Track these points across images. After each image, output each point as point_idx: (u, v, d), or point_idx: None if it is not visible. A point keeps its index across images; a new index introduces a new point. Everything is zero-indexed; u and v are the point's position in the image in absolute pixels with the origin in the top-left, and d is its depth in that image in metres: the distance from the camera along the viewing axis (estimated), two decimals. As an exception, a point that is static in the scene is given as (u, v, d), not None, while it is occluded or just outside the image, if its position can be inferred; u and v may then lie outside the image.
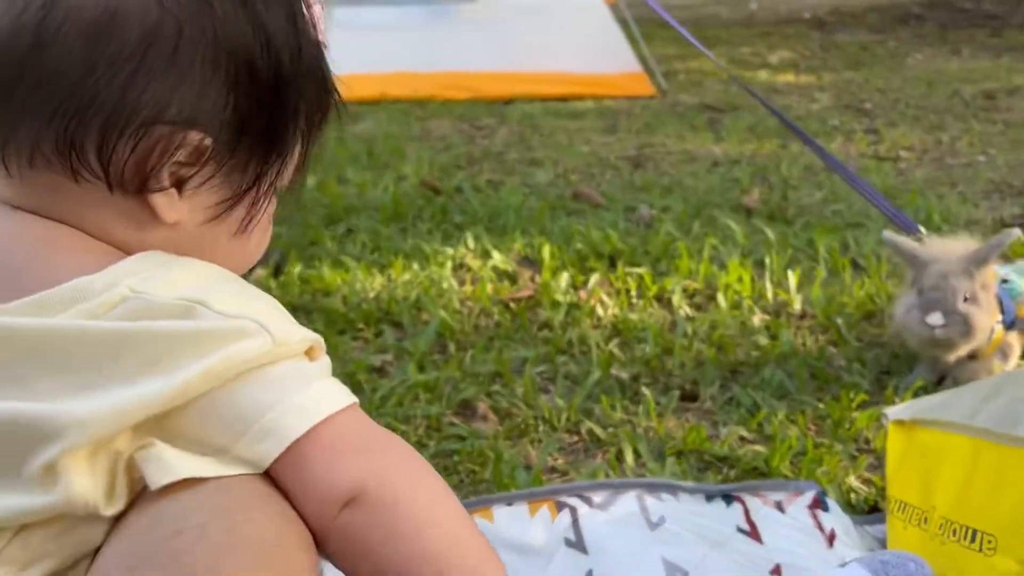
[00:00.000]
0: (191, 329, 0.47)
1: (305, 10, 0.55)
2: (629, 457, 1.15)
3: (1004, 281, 1.31)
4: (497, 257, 1.81)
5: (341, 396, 0.51)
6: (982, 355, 1.27)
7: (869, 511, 1.05)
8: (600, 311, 1.58)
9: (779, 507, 0.98)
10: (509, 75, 3.76)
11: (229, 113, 0.52)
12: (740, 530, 0.95)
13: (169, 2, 0.50)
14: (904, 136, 2.96)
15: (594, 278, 1.71)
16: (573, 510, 0.96)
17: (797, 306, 1.60)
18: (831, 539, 0.93)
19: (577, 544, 0.92)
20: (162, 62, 0.50)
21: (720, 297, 1.61)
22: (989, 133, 2.98)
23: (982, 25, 5.63)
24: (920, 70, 4.28)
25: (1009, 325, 1.29)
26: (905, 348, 1.41)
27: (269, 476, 0.49)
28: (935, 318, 1.21)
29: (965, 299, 1.22)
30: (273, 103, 0.54)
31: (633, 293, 1.66)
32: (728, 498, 1.00)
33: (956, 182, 2.43)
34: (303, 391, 0.49)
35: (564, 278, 1.70)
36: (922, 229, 1.33)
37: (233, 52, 0.52)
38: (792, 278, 1.66)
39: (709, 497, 1.01)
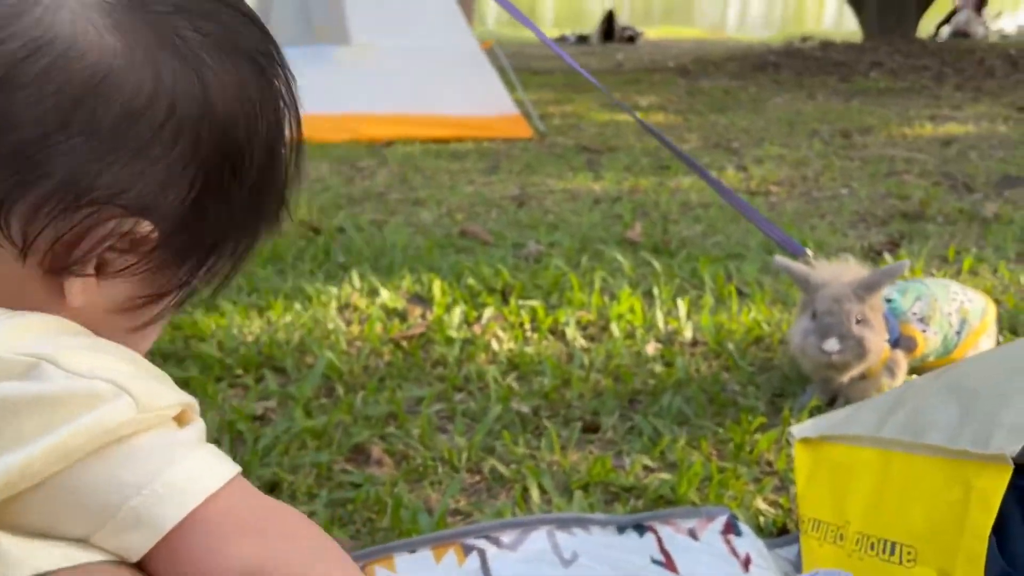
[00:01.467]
0: (34, 394, 0.39)
1: (286, 131, 0.52)
2: (535, 493, 1.10)
3: (887, 300, 1.35)
4: (385, 295, 1.74)
5: (221, 469, 0.44)
6: (871, 374, 1.30)
7: (779, 533, 1.04)
8: (495, 345, 1.53)
9: (692, 534, 0.95)
10: (388, 117, 3.72)
11: (187, 209, 0.47)
12: (655, 561, 0.91)
13: (168, 80, 0.44)
14: (772, 172, 3.10)
15: (487, 312, 1.66)
16: (482, 552, 0.90)
17: (688, 334, 1.61)
18: (746, 564, 0.91)
19: (488, 589, 0.86)
20: (137, 145, 0.44)
21: (614, 327, 1.60)
22: (849, 168, 3.16)
23: (832, 72, 6.06)
24: (781, 112, 4.54)
25: (894, 343, 1.32)
26: (796, 370, 1.43)
27: (140, 566, 0.41)
28: (831, 344, 1.23)
29: (857, 321, 1.24)
30: (235, 209, 0.49)
31: (527, 326, 1.63)
32: (640, 528, 0.96)
33: (824, 213, 2.55)
34: (175, 467, 0.41)
35: (457, 314, 1.64)
36: (809, 252, 1.36)
37: (220, 150, 0.47)
38: (682, 306, 1.67)
39: (621, 528, 0.97)
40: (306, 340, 1.52)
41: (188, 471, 0.42)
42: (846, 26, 12.65)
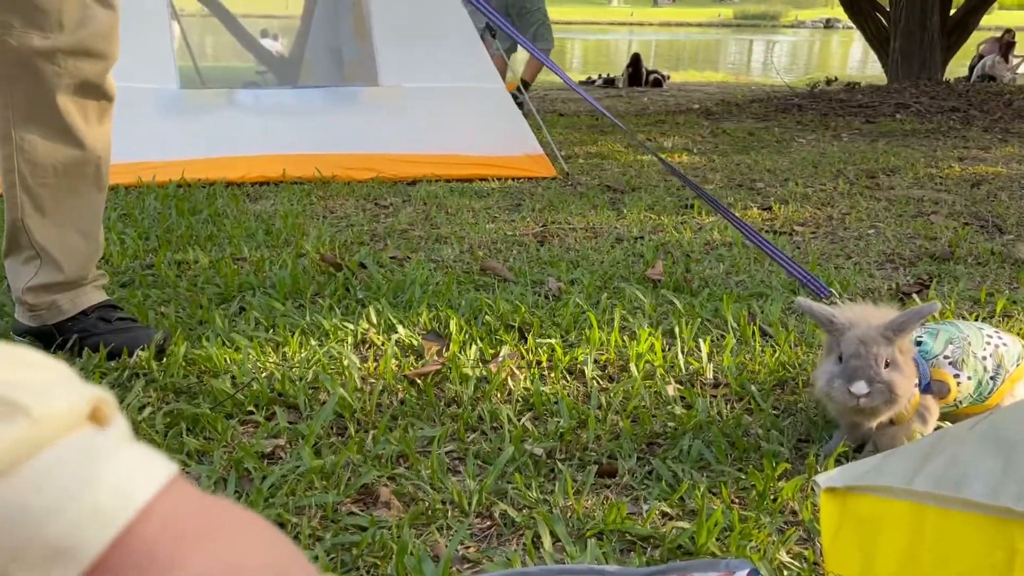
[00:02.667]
0: None
1: None
2: (547, 541, 1.05)
3: (918, 343, 1.31)
4: (402, 331, 1.72)
5: (151, 472, 0.36)
6: (901, 420, 1.25)
7: (803, 588, 0.98)
8: (511, 384, 1.50)
9: (711, 588, 0.90)
10: (413, 157, 3.74)
11: None
12: (672, 616, 0.87)
13: None
14: (796, 212, 3.06)
15: (504, 350, 1.63)
16: (488, 603, 0.85)
17: (710, 375, 1.56)
18: (769, 620, 0.86)
19: (494, 643, 0.82)
20: None
21: (632, 367, 1.56)
22: (875, 209, 3.11)
23: (857, 114, 6.02)
24: (805, 153, 4.50)
25: (925, 388, 1.27)
26: (822, 414, 1.38)
27: None
28: (859, 387, 1.18)
29: (886, 365, 1.20)
30: None
31: (544, 365, 1.59)
32: (657, 580, 0.91)
33: (850, 254, 2.50)
34: (95, 481, 0.34)
35: (473, 351, 1.61)
36: (834, 292, 1.32)
37: None
38: (703, 347, 1.63)
39: (637, 581, 0.92)
40: (320, 377, 1.50)
41: (110, 483, 0.34)
42: (870, 72, 12.65)
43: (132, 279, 2.09)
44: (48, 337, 1.58)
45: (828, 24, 39.48)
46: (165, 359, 1.57)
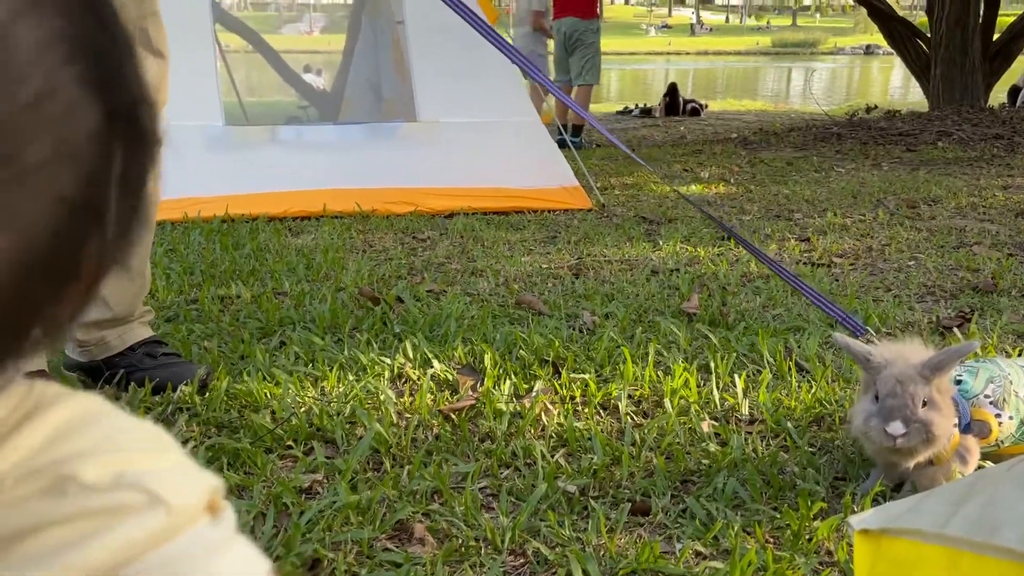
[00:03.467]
0: (55, 514, 0.36)
1: None
2: (580, 579, 1.06)
3: (957, 382, 1.29)
4: (437, 366, 1.74)
5: (253, 564, 0.41)
6: (940, 460, 1.23)
7: (839, 630, 0.97)
8: (545, 419, 1.51)
9: (744, 630, 0.90)
10: (450, 190, 3.79)
11: None
12: (704, 658, 0.86)
13: None
14: (835, 243, 3.03)
15: (538, 385, 1.64)
16: (520, 643, 0.86)
17: (745, 411, 1.56)
18: (803, 665, 0.85)
19: None
20: None
21: (667, 403, 1.56)
22: (915, 239, 3.07)
23: (897, 142, 5.96)
24: (844, 182, 4.46)
25: (964, 428, 1.25)
26: (859, 453, 1.37)
27: None
28: (896, 427, 1.17)
29: (924, 404, 1.19)
30: None
31: (578, 400, 1.60)
32: (689, 622, 0.91)
33: (890, 286, 2.47)
34: (209, 568, 0.39)
35: (507, 386, 1.63)
36: (870, 331, 1.32)
37: None
38: (739, 382, 1.63)
39: (668, 621, 0.92)
40: (357, 411, 1.52)
41: (225, 569, 0.40)
42: (912, 98, 12.51)
43: (177, 314, 2.15)
44: (96, 372, 1.63)
45: (868, 50, 39.20)
46: (208, 394, 1.61)
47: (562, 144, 6.09)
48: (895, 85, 20.47)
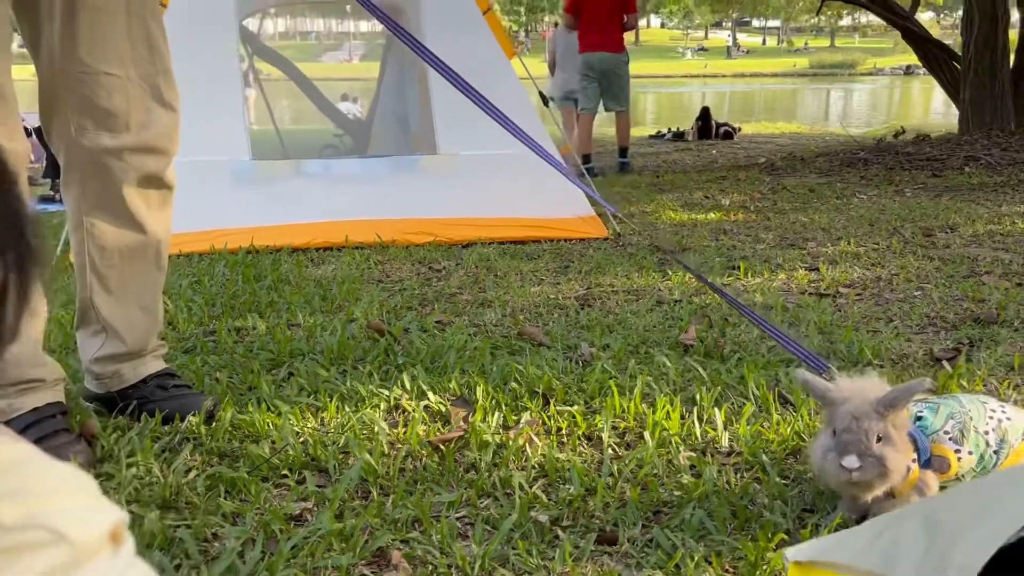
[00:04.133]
0: None
1: None
2: (540, 605, 1.12)
3: (918, 418, 1.33)
4: (432, 397, 1.82)
5: None
6: (900, 494, 1.27)
7: (780, 658, 1.02)
8: (529, 451, 1.57)
9: (682, 656, 0.95)
10: (468, 220, 3.89)
11: None
12: None
13: None
14: (844, 273, 3.05)
15: (525, 417, 1.71)
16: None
17: (725, 443, 1.60)
18: None
19: None
20: None
21: (647, 435, 1.61)
22: (926, 269, 3.08)
23: (924, 167, 5.93)
24: (864, 209, 4.47)
25: (925, 463, 1.29)
26: (828, 486, 1.40)
27: None
28: (851, 461, 1.22)
29: (879, 439, 1.23)
30: None
31: (564, 432, 1.66)
32: (631, 648, 0.97)
33: (892, 317, 2.49)
34: None
35: (496, 418, 1.70)
36: (832, 368, 1.36)
37: None
38: (719, 415, 1.67)
39: (612, 647, 0.97)
40: (350, 442, 1.60)
41: None
42: (954, 119, 12.37)
43: (195, 345, 2.26)
44: (112, 402, 1.74)
45: (908, 71, 38.75)
46: (214, 424, 1.70)
47: (590, 172, 6.37)
48: (936, 107, 20.22)
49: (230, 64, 3.99)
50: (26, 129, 6.55)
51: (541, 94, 4.79)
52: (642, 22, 68.62)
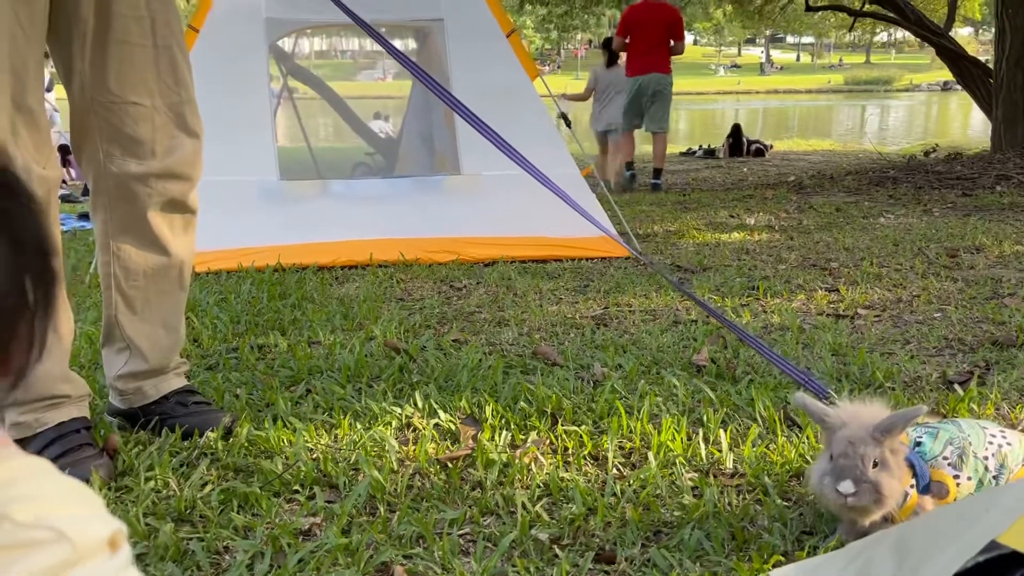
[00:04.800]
0: None
1: None
2: (534, 622, 1.15)
3: (917, 444, 1.34)
4: (443, 416, 1.85)
5: None
6: (898, 519, 1.28)
7: None
8: (534, 469, 1.60)
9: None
10: (491, 239, 3.94)
11: None
12: None
13: None
14: (864, 294, 3.05)
15: (532, 436, 1.74)
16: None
17: (729, 464, 1.62)
18: None
19: None
20: None
21: (651, 456, 1.64)
22: (948, 290, 3.06)
23: (954, 186, 5.87)
24: (890, 229, 4.44)
25: (923, 489, 1.30)
26: (827, 508, 1.42)
27: None
28: (846, 486, 1.23)
29: (875, 465, 1.24)
30: None
31: (570, 451, 1.69)
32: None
33: (909, 339, 2.48)
34: None
35: (504, 437, 1.73)
36: (832, 393, 1.38)
37: None
38: (724, 437, 1.69)
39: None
40: (360, 458, 1.65)
41: None
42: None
43: (217, 362, 2.32)
44: (134, 418, 1.80)
45: (946, 87, 38.26)
46: (231, 440, 1.76)
47: (632, 179, 6.71)
48: (974, 123, 19.94)
49: (260, 86, 4.10)
50: (66, 147, 6.71)
51: (564, 115, 4.84)
52: (675, 39, 68.53)
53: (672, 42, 6.64)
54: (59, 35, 1.60)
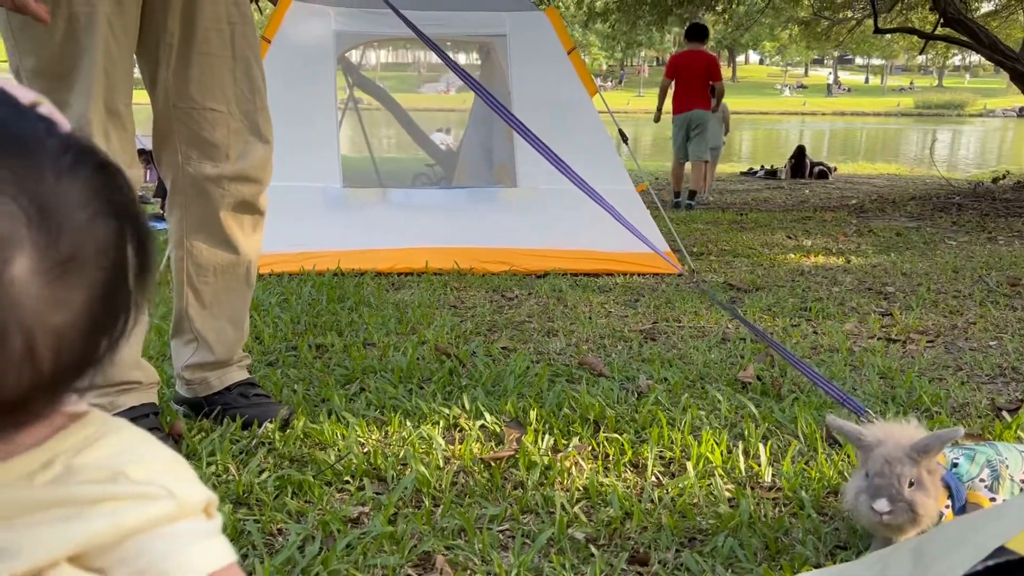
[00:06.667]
0: (111, 493, 0.60)
1: None
2: (567, 615, 1.19)
3: (953, 465, 1.35)
4: (489, 418, 1.92)
5: (223, 554, 0.63)
6: (930, 534, 1.29)
7: None
8: (575, 473, 1.65)
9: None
10: (544, 251, 4.00)
11: None
12: None
13: None
14: (918, 320, 3.02)
15: (574, 442, 1.79)
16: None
17: (768, 478, 1.64)
18: None
19: None
20: None
21: (690, 466, 1.67)
22: (1006, 319, 3.01)
23: (1021, 214, 5.73)
24: (950, 256, 4.37)
25: (959, 510, 1.31)
26: (861, 524, 1.43)
27: None
28: (881, 504, 1.26)
29: (911, 484, 1.26)
30: None
31: (611, 458, 1.73)
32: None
33: (962, 366, 2.46)
34: (194, 547, 0.61)
35: (547, 441, 1.78)
36: (870, 412, 1.40)
37: None
38: (764, 451, 1.72)
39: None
40: (408, 454, 1.72)
41: (204, 551, 0.62)
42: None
43: (278, 359, 2.43)
44: (198, 407, 1.91)
45: (1021, 113, 37.08)
46: (288, 431, 1.85)
47: (679, 206, 7.09)
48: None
49: (327, 97, 4.25)
50: (141, 151, 7.01)
51: (621, 132, 4.88)
52: (740, 58, 67.86)
53: (712, 84, 7.51)
54: (147, 45, 1.73)
